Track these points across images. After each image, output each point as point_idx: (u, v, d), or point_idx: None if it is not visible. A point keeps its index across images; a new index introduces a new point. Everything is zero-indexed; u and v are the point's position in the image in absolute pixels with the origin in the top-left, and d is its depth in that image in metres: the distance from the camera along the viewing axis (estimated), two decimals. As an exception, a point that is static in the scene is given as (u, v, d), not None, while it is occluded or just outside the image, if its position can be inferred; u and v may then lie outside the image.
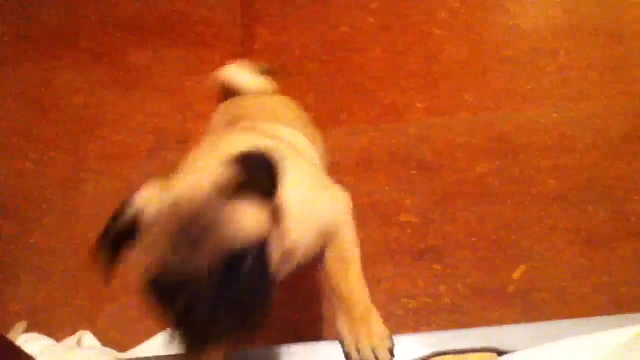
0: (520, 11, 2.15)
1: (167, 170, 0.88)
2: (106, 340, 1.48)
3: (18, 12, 2.38)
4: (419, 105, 1.89)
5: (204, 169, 0.82)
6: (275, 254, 0.80)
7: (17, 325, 1.50)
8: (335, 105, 1.93)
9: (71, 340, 1.48)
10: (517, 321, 1.41)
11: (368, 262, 1.55)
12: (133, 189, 0.83)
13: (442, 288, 1.50)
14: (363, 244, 1.58)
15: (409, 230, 1.62)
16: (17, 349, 1.00)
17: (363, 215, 1.65)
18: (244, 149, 0.79)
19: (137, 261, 0.77)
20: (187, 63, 2.12)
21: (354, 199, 1.67)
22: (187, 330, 0.75)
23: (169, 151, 1.86)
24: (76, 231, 1.70)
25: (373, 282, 1.52)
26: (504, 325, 0.98)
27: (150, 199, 0.79)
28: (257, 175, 0.77)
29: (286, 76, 1.76)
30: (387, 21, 2.18)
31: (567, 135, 1.77)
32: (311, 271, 1.39)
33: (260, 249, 0.77)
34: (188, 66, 2.11)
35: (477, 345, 0.96)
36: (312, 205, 0.96)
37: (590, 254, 1.53)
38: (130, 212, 0.78)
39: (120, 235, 0.79)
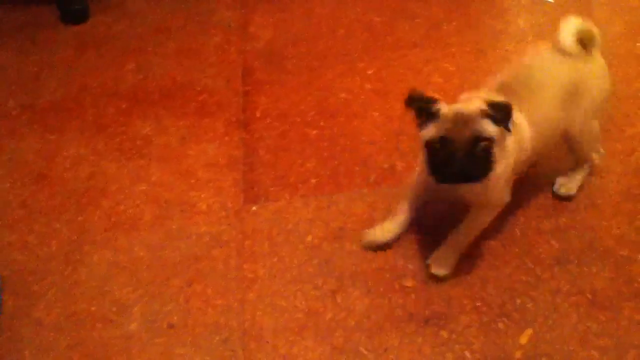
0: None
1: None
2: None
3: (25, 84, 2.45)
4: (418, 169, 1.92)
5: (472, 103, 1.43)
6: (496, 151, 1.43)
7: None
8: (336, 171, 1.97)
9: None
10: (526, 389, 1.41)
11: (373, 330, 1.56)
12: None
13: (449, 355, 1.48)
14: (368, 311, 1.59)
15: (412, 296, 1.61)
16: None
17: (367, 281, 1.66)
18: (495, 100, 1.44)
19: (430, 128, 1.42)
20: (189, 131, 2.17)
21: (358, 266, 1.70)
22: (446, 170, 1.41)
23: (173, 221, 1.87)
24: (80, 305, 1.69)
25: (379, 350, 1.52)
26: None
27: (444, 106, 1.42)
28: (499, 113, 1.39)
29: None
30: (384, 86, 2.25)
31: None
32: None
33: (490, 142, 1.40)
34: (190, 135, 2.16)
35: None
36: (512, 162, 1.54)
37: (596, 316, 1.53)
38: (436, 107, 1.41)
39: (424, 110, 1.43)
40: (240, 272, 1.72)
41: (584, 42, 1.63)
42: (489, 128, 1.39)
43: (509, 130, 1.40)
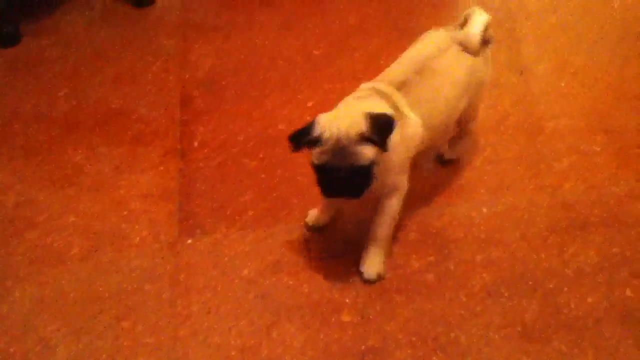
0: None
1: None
2: None
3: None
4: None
5: (353, 121, 1.51)
6: (376, 171, 1.56)
7: None
8: (274, 203, 1.95)
9: None
10: None
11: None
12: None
13: (384, 392, 1.48)
14: (304, 347, 1.57)
15: (349, 331, 1.61)
16: None
17: (303, 316, 1.64)
18: (375, 110, 1.55)
19: (315, 154, 1.53)
20: (124, 161, 2.11)
21: (294, 300, 1.68)
22: (329, 189, 1.59)
23: (103, 254, 1.81)
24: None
25: (314, 388, 1.50)
26: None
27: (326, 125, 1.52)
28: (379, 131, 1.50)
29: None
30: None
31: (497, 229, 1.85)
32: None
33: (369, 166, 1.53)
34: (124, 164, 2.10)
35: None
36: (397, 159, 1.64)
37: (527, 348, 1.56)
38: (317, 131, 1.51)
39: (307, 140, 1.53)
40: (173, 307, 1.67)
41: (485, 40, 1.78)
42: (368, 153, 1.52)
43: (385, 150, 1.53)
